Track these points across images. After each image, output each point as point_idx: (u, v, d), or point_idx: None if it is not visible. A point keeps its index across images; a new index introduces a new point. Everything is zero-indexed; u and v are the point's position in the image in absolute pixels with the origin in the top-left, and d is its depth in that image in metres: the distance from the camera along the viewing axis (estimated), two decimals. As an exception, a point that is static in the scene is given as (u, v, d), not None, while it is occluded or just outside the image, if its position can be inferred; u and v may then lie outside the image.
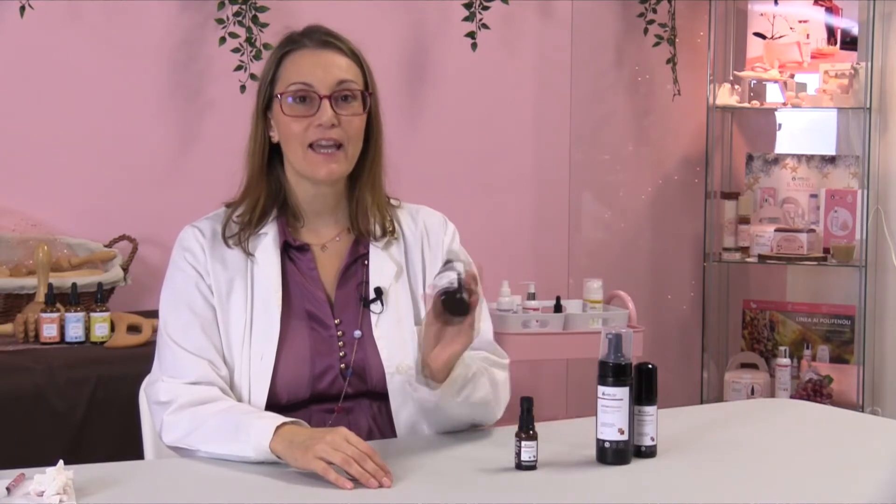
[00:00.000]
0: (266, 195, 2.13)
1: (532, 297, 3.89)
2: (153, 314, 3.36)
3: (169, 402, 2.03)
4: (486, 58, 4.28)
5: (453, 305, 1.89)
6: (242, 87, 3.71)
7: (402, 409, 2.07)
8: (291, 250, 2.13)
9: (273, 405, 2.05)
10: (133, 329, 3.32)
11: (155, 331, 3.25)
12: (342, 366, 2.09)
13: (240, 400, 2.06)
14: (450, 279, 1.89)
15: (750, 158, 4.67)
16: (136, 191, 3.81)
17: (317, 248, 2.15)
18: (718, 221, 4.59)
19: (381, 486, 1.81)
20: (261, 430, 1.91)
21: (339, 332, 2.10)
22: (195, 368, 2.04)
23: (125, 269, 3.56)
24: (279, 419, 1.93)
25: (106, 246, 3.65)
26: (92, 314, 3.30)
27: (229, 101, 3.80)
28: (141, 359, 2.93)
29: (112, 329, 3.31)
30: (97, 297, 3.34)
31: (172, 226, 2.78)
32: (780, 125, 4.79)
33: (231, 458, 1.94)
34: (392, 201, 2.21)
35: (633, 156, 4.70)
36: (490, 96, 4.40)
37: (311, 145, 2.07)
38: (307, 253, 2.13)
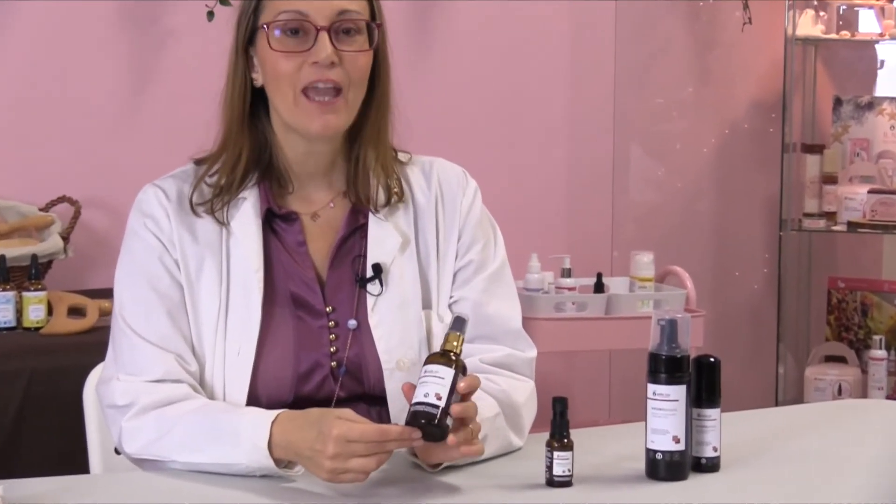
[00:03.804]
0: (248, 152, 2.13)
1: (567, 273, 3.90)
2: (100, 294, 3.39)
3: (128, 405, 2.03)
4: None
5: (423, 434, 1.87)
6: (210, 14, 3.71)
7: (404, 415, 2.07)
8: (275, 220, 2.14)
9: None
10: (75, 312, 3.34)
11: (102, 314, 3.27)
12: (333, 363, 2.10)
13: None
14: (427, 394, 1.86)
15: (838, 103, 4.66)
16: (78, 142, 3.82)
17: (306, 217, 2.15)
18: (798, 180, 4.58)
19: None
20: (253, 428, 1.93)
21: (332, 322, 2.11)
22: (159, 363, 2.05)
23: (65, 238, 3.57)
24: (270, 414, 1.95)
25: (41, 210, 3.66)
26: (24, 293, 3.31)
27: (193, 31, 3.80)
28: (85, 348, 2.96)
29: (49, 312, 3.33)
30: (31, 273, 3.35)
31: (123, 185, 2.79)
32: (882, 62, 4.76)
33: (213, 468, 1.96)
34: (400, 156, 2.21)
35: (693, 99, 4.69)
36: (516, 28, 4.40)
37: (304, 90, 2.06)
38: (295, 223, 2.14)
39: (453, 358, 1.89)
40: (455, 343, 1.91)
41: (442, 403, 1.85)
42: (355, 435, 1.85)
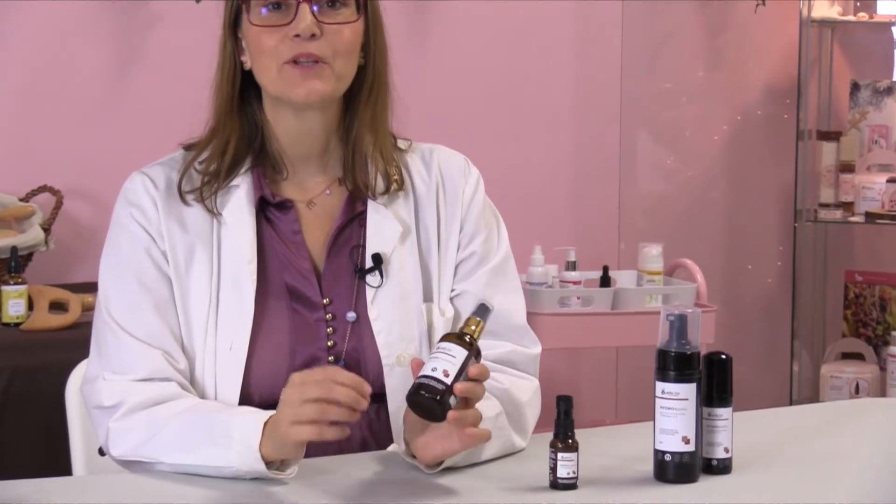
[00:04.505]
0: (238, 138, 2.13)
1: (572, 266, 3.90)
2: (83, 288, 3.39)
3: (115, 405, 2.04)
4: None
5: (423, 409, 1.87)
6: (197, -5, 3.71)
7: (403, 413, 2.07)
8: (269, 208, 2.14)
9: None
10: (57, 307, 3.34)
11: (85, 309, 3.27)
12: (330, 358, 2.10)
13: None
14: (436, 368, 1.86)
15: (855, 87, 4.66)
16: (60, 129, 3.82)
17: (301, 205, 2.16)
18: (814, 169, 4.58)
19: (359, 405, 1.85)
20: (245, 428, 1.93)
21: (329, 315, 2.12)
22: (146, 361, 2.05)
23: (46, 229, 3.58)
24: (264, 413, 1.95)
25: (21, 200, 3.66)
26: (4, 287, 3.32)
27: (180, 14, 3.80)
28: (68, 345, 2.95)
29: (30, 307, 3.33)
30: (11, 266, 3.35)
31: (108, 173, 2.79)
32: (897, 43, 4.77)
33: (203, 470, 1.96)
34: (400, 143, 2.21)
35: (704, 84, 4.69)
36: (519, 10, 4.39)
37: (287, 63, 2.07)
38: (289, 211, 2.14)
39: (469, 341, 1.90)
40: (474, 327, 1.92)
41: (448, 381, 1.86)
42: (307, 375, 1.87)
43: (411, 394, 1.86)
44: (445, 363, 1.87)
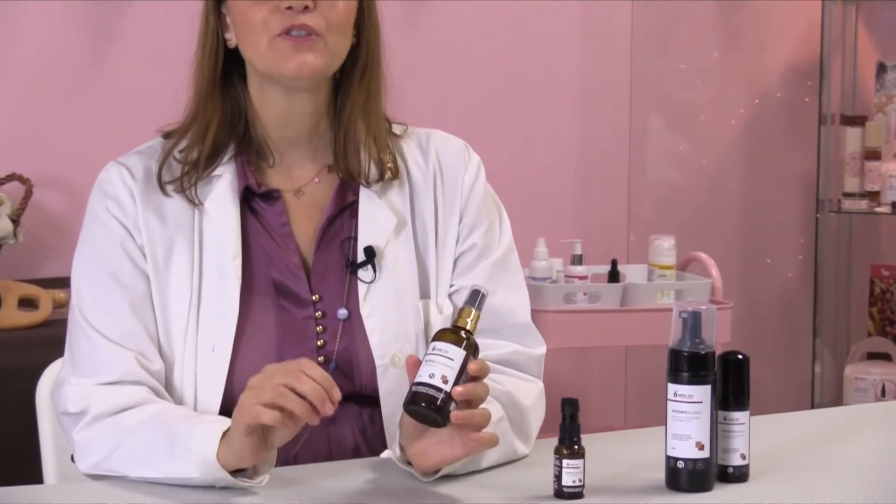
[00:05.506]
0: (220, 122, 2.13)
1: (578, 260, 3.90)
2: (54, 283, 3.39)
3: (80, 412, 2.04)
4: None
5: (422, 419, 1.87)
6: (177, -31, 3.71)
7: (398, 417, 2.08)
8: (254, 199, 2.14)
9: (227, 412, 2.03)
10: (27, 304, 3.34)
11: (56, 306, 3.28)
12: (320, 358, 2.11)
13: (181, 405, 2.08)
14: (433, 375, 1.85)
15: (882, 69, 4.66)
16: (30, 114, 3.81)
17: (289, 194, 2.16)
18: (837, 157, 4.58)
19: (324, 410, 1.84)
20: (203, 438, 1.92)
21: (318, 312, 2.12)
22: (118, 363, 2.05)
23: (15, 220, 3.57)
24: (226, 421, 1.94)
25: (-12, 189, 3.67)
26: (-30, 283, 3.32)
27: (159, -11, 3.81)
28: (37, 344, 2.96)
29: (-2, 304, 3.33)
30: (-23, 260, 3.35)
31: (81, 161, 2.79)
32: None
33: (168, 481, 1.96)
34: (395, 128, 2.22)
35: (720, 66, 4.69)
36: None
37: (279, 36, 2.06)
38: (276, 202, 2.14)
39: (464, 336, 1.89)
40: (468, 319, 1.90)
41: (447, 387, 1.84)
42: (279, 364, 1.88)
43: (408, 403, 1.86)
44: (442, 367, 1.86)
